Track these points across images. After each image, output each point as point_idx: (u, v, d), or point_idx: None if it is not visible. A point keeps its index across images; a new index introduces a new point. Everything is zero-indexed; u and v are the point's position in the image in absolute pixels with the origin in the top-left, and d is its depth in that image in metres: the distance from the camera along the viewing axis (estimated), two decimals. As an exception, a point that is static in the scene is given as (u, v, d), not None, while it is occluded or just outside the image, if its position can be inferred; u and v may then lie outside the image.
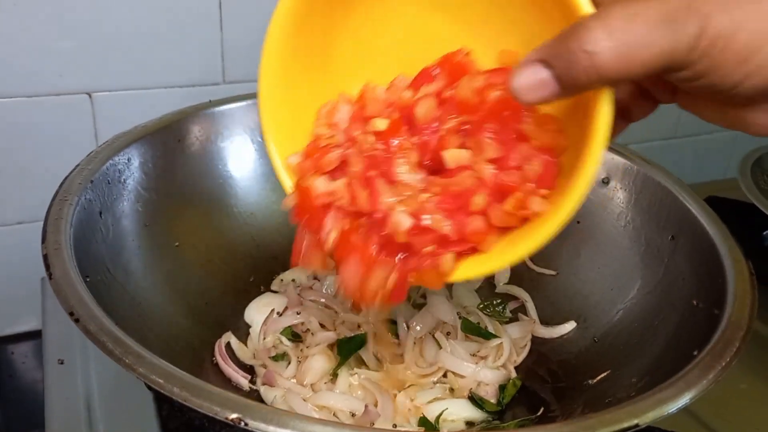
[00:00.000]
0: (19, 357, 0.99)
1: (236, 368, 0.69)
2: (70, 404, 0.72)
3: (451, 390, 0.67)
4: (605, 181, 0.78)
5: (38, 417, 0.74)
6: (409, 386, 0.67)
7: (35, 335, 0.98)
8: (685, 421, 0.74)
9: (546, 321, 0.77)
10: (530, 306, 0.79)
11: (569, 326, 0.75)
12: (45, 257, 0.53)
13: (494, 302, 0.79)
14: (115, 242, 0.65)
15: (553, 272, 0.80)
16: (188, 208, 0.77)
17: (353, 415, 0.63)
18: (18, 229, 0.94)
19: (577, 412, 0.61)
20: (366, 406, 0.63)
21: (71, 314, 0.47)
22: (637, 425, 0.43)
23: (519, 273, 0.82)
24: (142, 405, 0.71)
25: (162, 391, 0.42)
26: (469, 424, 0.66)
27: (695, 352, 0.53)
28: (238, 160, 0.82)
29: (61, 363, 0.78)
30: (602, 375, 0.65)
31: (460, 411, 0.64)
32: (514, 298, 0.80)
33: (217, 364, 0.70)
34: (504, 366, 0.70)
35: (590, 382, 0.66)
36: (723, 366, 0.49)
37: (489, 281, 0.84)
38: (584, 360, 0.70)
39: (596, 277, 0.75)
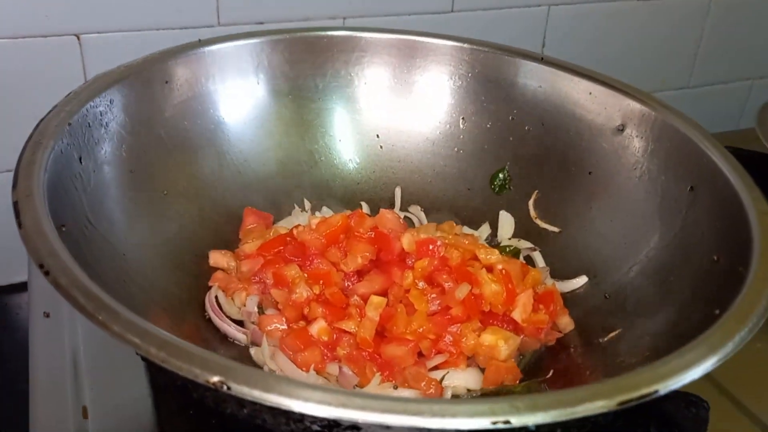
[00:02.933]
0: (12, 308, 0.97)
1: (230, 322, 0.66)
2: (56, 359, 0.69)
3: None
4: (620, 129, 0.74)
5: (32, 370, 0.71)
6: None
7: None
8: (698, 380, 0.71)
9: (554, 277, 0.73)
10: (538, 256, 0.76)
11: (581, 280, 0.71)
12: (15, 204, 0.49)
13: (507, 248, 0.76)
14: (96, 190, 0.61)
15: (556, 229, 0.76)
16: (177, 154, 0.72)
17: None
18: (8, 176, 0.90)
19: (586, 374, 0.58)
20: (340, 368, 0.60)
21: (41, 266, 0.44)
22: (656, 392, 0.39)
23: (524, 227, 0.79)
24: (130, 361, 0.68)
25: (138, 352, 0.39)
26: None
27: (717, 311, 0.49)
28: (231, 104, 0.78)
29: (47, 316, 0.75)
30: (613, 334, 0.62)
31: (463, 378, 0.61)
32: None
33: (210, 320, 0.67)
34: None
35: (601, 341, 0.62)
36: (750, 327, 0.45)
37: (492, 235, 0.80)
38: (595, 318, 0.66)
39: (608, 231, 0.71)
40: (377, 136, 0.84)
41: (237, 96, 0.78)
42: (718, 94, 1.37)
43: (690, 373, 0.41)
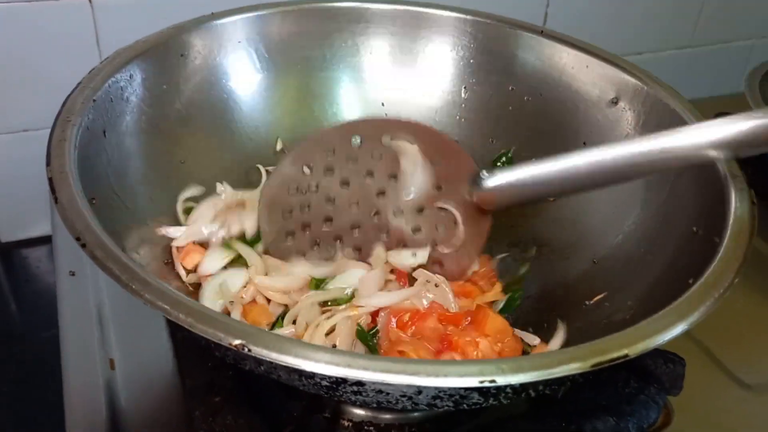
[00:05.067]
0: (33, 261, 1.01)
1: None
2: (83, 315, 0.75)
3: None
4: (614, 102, 0.77)
5: (54, 320, 0.76)
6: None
7: (47, 240, 0.99)
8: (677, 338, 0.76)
9: (545, 242, 0.77)
10: None
11: None
12: (50, 181, 0.53)
13: None
14: (120, 162, 0.65)
15: (550, 198, 0.80)
16: (192, 124, 0.76)
17: None
18: (24, 136, 0.94)
19: (575, 333, 0.63)
20: None
21: (78, 239, 0.48)
22: (626, 356, 0.44)
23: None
24: (152, 316, 0.74)
25: (168, 317, 0.44)
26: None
27: (690, 281, 0.54)
28: (243, 75, 0.81)
29: (73, 275, 0.80)
30: (599, 297, 0.67)
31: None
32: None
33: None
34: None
35: (587, 303, 0.67)
36: (716, 297, 0.50)
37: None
38: (582, 281, 0.71)
39: (598, 200, 0.75)
40: (382, 104, 0.88)
41: (248, 66, 0.81)
42: (720, 54, 1.38)
43: (657, 338, 0.46)
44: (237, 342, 0.42)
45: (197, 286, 0.68)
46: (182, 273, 0.67)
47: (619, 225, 0.71)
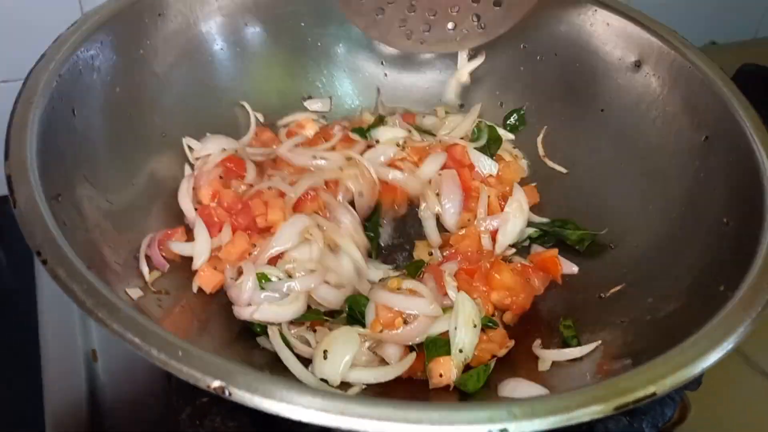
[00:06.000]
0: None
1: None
2: (63, 303, 0.69)
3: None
4: (637, 65, 0.70)
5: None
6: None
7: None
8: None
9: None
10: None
11: None
12: (8, 179, 0.47)
13: None
14: (92, 143, 0.59)
15: (564, 170, 0.74)
16: (173, 93, 0.70)
17: None
18: (3, 87, 0.87)
19: (586, 334, 0.58)
20: None
21: (38, 253, 0.43)
22: (654, 394, 0.39)
23: (531, 167, 0.76)
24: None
25: (138, 352, 0.39)
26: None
27: (721, 288, 0.49)
28: (228, 36, 0.74)
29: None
30: (616, 289, 0.62)
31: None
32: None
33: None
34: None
35: (603, 295, 0.62)
36: (753, 318, 0.44)
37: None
38: (598, 268, 0.65)
39: (617, 176, 0.69)
40: (381, 63, 0.81)
41: (233, 28, 0.74)
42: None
43: (687, 371, 0.41)
44: (216, 384, 0.37)
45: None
46: (145, 272, 0.58)
47: (642, 206, 0.65)
